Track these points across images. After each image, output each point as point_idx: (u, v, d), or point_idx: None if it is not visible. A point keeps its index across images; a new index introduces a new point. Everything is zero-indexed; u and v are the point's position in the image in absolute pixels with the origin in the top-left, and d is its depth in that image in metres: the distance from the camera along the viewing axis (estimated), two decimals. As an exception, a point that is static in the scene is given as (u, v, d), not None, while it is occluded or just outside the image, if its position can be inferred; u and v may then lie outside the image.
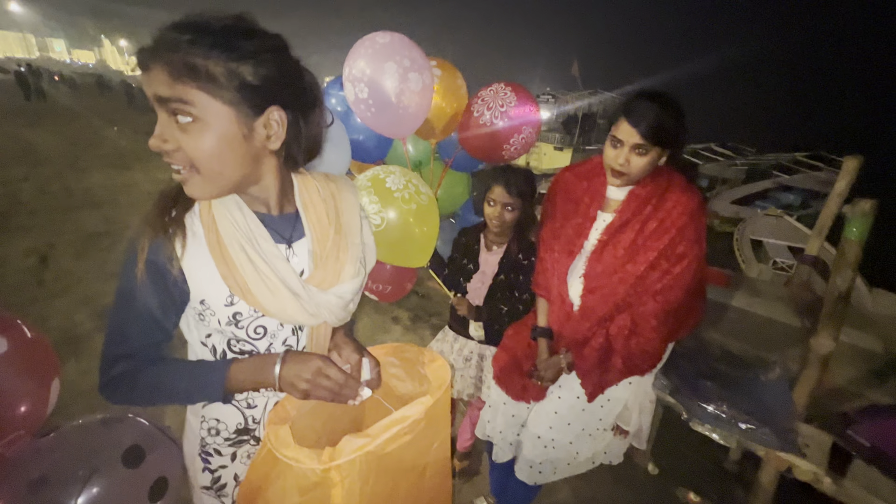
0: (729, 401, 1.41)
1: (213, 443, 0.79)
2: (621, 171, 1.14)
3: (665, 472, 2.04)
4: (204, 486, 0.81)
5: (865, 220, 1.13)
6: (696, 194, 1.17)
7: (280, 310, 0.71)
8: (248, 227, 0.70)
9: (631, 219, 1.19)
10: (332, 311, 0.77)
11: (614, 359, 1.23)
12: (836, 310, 1.23)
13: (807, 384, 1.33)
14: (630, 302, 1.21)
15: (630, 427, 1.38)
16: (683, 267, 1.15)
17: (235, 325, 0.71)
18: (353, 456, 0.62)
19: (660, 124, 1.07)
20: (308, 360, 0.68)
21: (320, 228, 0.78)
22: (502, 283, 1.54)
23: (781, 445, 1.27)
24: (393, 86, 1.56)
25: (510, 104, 1.76)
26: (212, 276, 0.68)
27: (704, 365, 1.59)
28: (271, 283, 0.69)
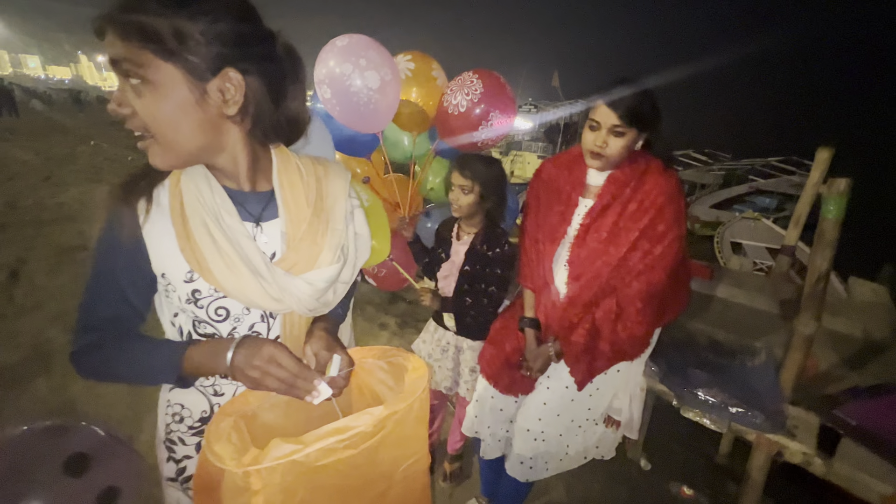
0: (718, 387, 1.41)
1: (177, 430, 0.75)
2: (599, 153, 1.16)
3: (657, 467, 2.03)
4: (169, 477, 0.76)
5: (841, 198, 1.15)
6: (673, 176, 1.19)
7: (239, 290, 0.67)
8: (213, 201, 0.67)
9: (612, 202, 1.21)
10: (300, 298, 0.71)
11: (602, 344, 1.22)
12: (817, 290, 1.25)
13: (792, 367, 1.35)
14: (614, 285, 1.22)
15: (621, 417, 1.36)
16: (665, 246, 1.16)
17: (195, 303, 0.68)
18: (275, 462, 0.54)
19: (636, 106, 1.11)
20: (261, 345, 0.63)
21: (296, 209, 0.74)
22: (467, 275, 1.53)
23: (772, 427, 1.27)
24: (351, 85, 1.63)
25: (476, 91, 1.79)
26: (172, 249, 0.65)
27: (692, 355, 1.60)
28: (230, 260, 0.65)
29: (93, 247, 0.67)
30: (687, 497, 1.87)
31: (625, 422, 1.36)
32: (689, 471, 2.03)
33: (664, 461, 2.06)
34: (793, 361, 1.34)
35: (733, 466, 2.05)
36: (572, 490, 1.88)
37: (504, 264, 1.48)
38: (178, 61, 0.56)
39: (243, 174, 0.71)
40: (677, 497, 1.89)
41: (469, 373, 1.61)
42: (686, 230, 1.19)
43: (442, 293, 1.62)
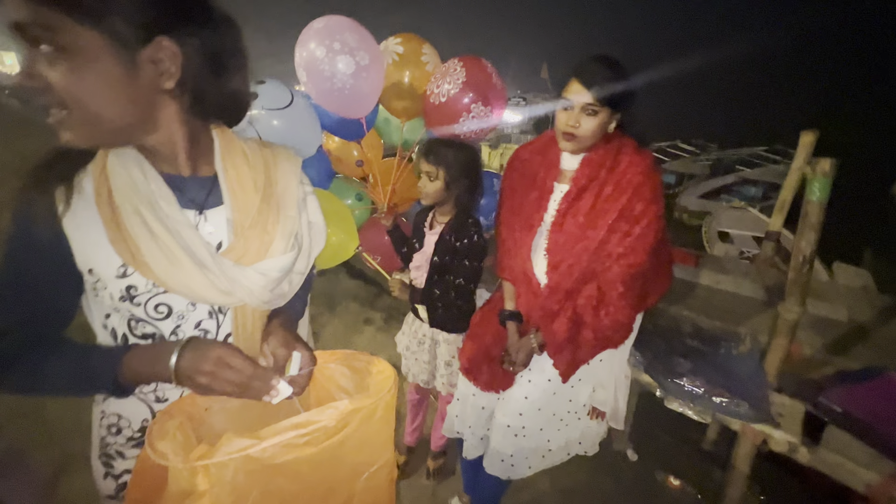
0: (703, 376, 1.38)
1: (115, 444, 0.68)
2: (572, 134, 1.12)
3: (644, 457, 2.01)
4: (108, 494, 0.69)
5: (826, 180, 1.12)
6: (647, 155, 1.16)
7: (182, 284, 0.61)
8: (147, 187, 0.60)
9: (587, 185, 1.17)
10: (252, 290, 0.66)
11: (585, 332, 1.18)
12: (802, 274, 1.21)
13: (777, 353, 1.32)
14: (595, 270, 1.17)
15: (606, 407, 1.33)
16: (643, 227, 1.12)
17: (131, 300, 0.61)
18: (227, 458, 0.48)
19: (609, 85, 1.07)
20: (209, 348, 0.57)
21: (242, 195, 0.68)
22: (437, 265, 1.48)
23: (756, 417, 1.24)
24: (325, 69, 1.57)
25: (458, 80, 1.72)
26: (99, 241, 0.58)
27: (677, 342, 1.56)
28: (170, 252, 0.59)
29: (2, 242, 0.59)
30: (673, 487, 1.86)
31: (610, 412, 1.32)
32: (675, 459, 2.01)
33: (650, 450, 2.04)
34: (777, 347, 1.31)
35: (720, 453, 2.03)
36: (557, 481, 1.85)
37: (473, 255, 1.42)
38: (100, 27, 0.49)
39: (182, 156, 0.64)
40: (664, 486, 1.87)
41: (444, 366, 1.57)
42: (664, 208, 1.15)
43: (415, 284, 1.56)
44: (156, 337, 0.64)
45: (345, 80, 1.59)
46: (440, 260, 1.47)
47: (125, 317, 0.62)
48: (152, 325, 0.63)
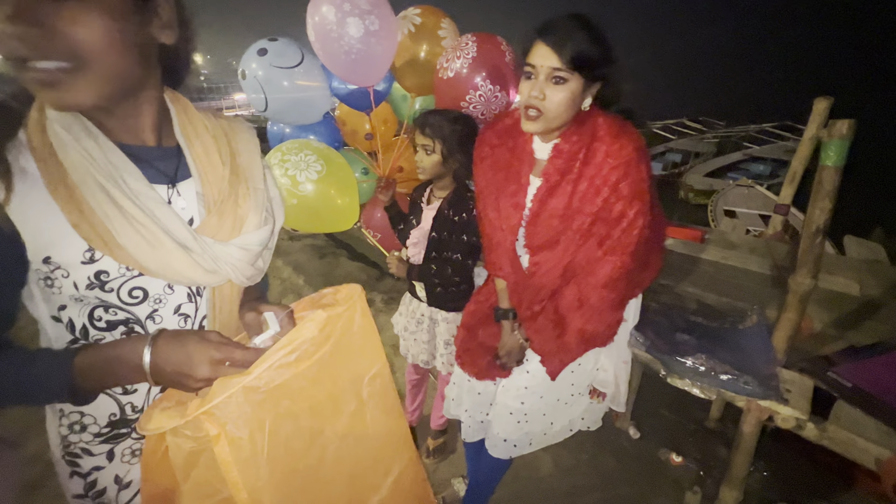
0: (707, 352, 1.34)
1: (79, 441, 0.63)
2: (536, 109, 0.94)
3: (647, 434, 1.99)
4: (76, 494, 0.65)
5: (843, 143, 1.04)
6: (628, 140, 0.98)
7: (164, 266, 0.56)
8: (106, 161, 0.54)
9: (560, 181, 1.03)
10: (237, 266, 0.63)
11: (569, 334, 1.12)
12: (815, 245, 1.15)
13: (786, 328, 1.27)
14: (575, 272, 1.09)
15: (607, 388, 1.29)
16: (623, 229, 1.00)
17: (101, 287, 0.55)
18: (226, 396, 0.47)
19: (581, 45, 0.89)
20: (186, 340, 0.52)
21: (210, 167, 0.65)
22: (434, 242, 1.44)
23: (763, 393, 1.20)
24: (333, 31, 1.46)
25: (467, 56, 1.63)
26: (56, 225, 0.52)
27: (680, 319, 1.52)
28: (148, 232, 0.54)
29: None
30: (676, 464, 1.84)
31: (610, 395, 1.29)
32: (678, 437, 1.99)
33: (653, 428, 2.02)
34: (786, 322, 1.26)
35: (724, 431, 2.01)
36: (560, 460, 1.84)
37: (472, 230, 1.37)
38: None
39: (150, 124, 0.59)
40: (667, 464, 1.85)
41: (444, 346, 1.54)
42: (650, 196, 1.02)
43: (412, 261, 1.52)
44: (128, 323, 0.59)
45: (352, 43, 1.49)
46: (438, 235, 1.43)
47: (88, 306, 0.57)
48: (125, 311, 0.59)
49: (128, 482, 0.67)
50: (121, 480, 0.66)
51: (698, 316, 1.53)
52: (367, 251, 4.36)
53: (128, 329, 0.60)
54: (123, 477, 0.66)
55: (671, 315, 1.52)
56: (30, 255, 0.53)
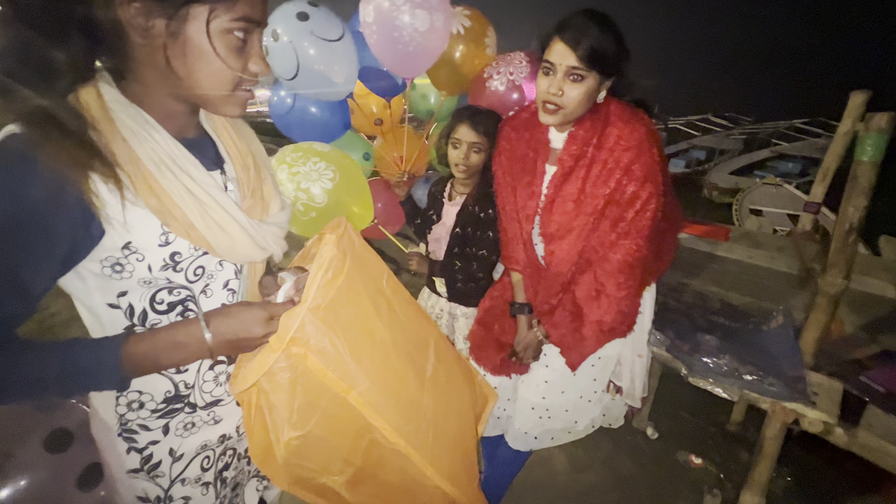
0: (730, 353, 1.30)
1: (137, 418, 0.66)
2: (555, 104, 0.98)
3: (665, 436, 1.96)
4: (132, 469, 0.68)
5: (881, 136, 1.00)
6: (640, 124, 1.01)
7: (230, 245, 0.61)
8: (171, 151, 0.57)
9: (574, 166, 1.05)
10: (277, 242, 0.69)
11: (588, 325, 1.11)
12: (847, 244, 1.11)
13: (815, 329, 1.22)
14: (590, 259, 1.08)
15: (623, 383, 1.28)
16: (637, 210, 1.01)
17: (173, 268, 0.59)
18: (298, 321, 0.58)
19: (599, 44, 0.92)
20: (237, 311, 0.58)
21: (239, 155, 0.70)
22: (458, 237, 1.43)
23: (789, 395, 1.17)
24: (397, 17, 1.44)
25: (521, 74, 1.62)
26: (135, 212, 0.54)
27: (702, 319, 1.48)
28: (218, 215, 0.59)
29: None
30: (695, 466, 1.80)
31: (626, 389, 1.27)
32: (698, 439, 1.95)
33: (672, 429, 1.99)
34: (815, 323, 1.22)
35: (746, 435, 1.96)
36: (575, 459, 1.82)
37: (496, 227, 1.37)
38: None
39: (195, 115, 0.64)
40: (685, 466, 1.82)
41: (463, 341, 1.54)
42: (662, 181, 1.02)
43: (433, 256, 1.53)
44: (184, 303, 0.63)
45: (414, 35, 1.48)
46: (462, 231, 1.43)
47: (153, 289, 0.59)
48: (187, 290, 0.63)
49: (180, 455, 0.70)
50: (174, 453, 0.69)
51: (721, 316, 1.49)
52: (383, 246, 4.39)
53: (183, 309, 0.63)
54: (177, 450, 0.69)
55: (693, 315, 1.49)
56: (108, 242, 0.54)
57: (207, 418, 0.72)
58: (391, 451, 0.71)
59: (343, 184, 1.48)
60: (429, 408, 0.77)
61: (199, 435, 0.72)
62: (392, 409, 0.69)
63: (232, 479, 0.79)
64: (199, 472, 0.72)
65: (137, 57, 0.54)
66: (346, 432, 0.69)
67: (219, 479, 0.76)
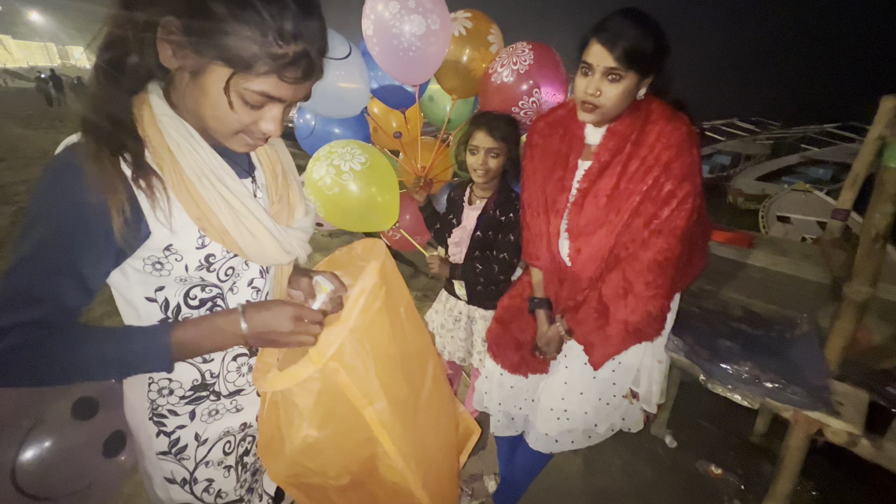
0: (752, 360, 1.29)
1: (167, 404, 0.72)
2: (593, 104, 0.99)
3: (684, 444, 1.93)
4: (161, 451, 0.74)
5: (909, 142, 0.98)
6: (682, 123, 1.01)
7: (259, 250, 0.66)
8: (211, 163, 0.61)
9: (610, 161, 1.05)
10: (302, 246, 0.74)
11: (613, 324, 1.11)
12: (874, 251, 1.09)
13: (840, 338, 1.20)
14: (620, 256, 1.08)
15: (640, 388, 1.27)
16: (672, 209, 1.00)
17: (207, 268, 0.65)
18: (339, 341, 0.63)
19: (636, 44, 0.92)
20: (272, 307, 0.62)
21: (268, 161, 0.75)
22: (479, 241, 1.46)
23: (812, 404, 1.15)
24: (394, 25, 1.50)
25: (524, 62, 1.65)
26: (178, 217, 0.60)
27: (723, 326, 1.46)
28: (250, 222, 0.64)
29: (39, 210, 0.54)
30: (715, 476, 1.77)
31: (643, 394, 1.27)
32: (718, 449, 1.91)
33: (691, 439, 1.96)
34: (840, 331, 1.19)
35: (769, 447, 1.92)
36: (591, 465, 1.81)
37: (517, 230, 1.40)
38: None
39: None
40: (704, 476, 1.79)
41: (482, 343, 1.56)
42: (701, 185, 1.03)
43: (452, 260, 1.56)
44: (214, 299, 0.68)
45: (412, 41, 1.53)
46: (483, 235, 1.46)
47: (187, 285, 0.65)
48: (217, 287, 0.68)
49: (205, 439, 0.76)
50: (199, 437, 0.75)
51: (743, 323, 1.47)
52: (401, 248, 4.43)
53: (213, 305, 0.69)
54: (202, 434, 0.75)
55: (713, 321, 1.47)
56: (152, 243, 0.59)
57: (230, 406, 0.77)
58: (387, 466, 0.75)
59: (372, 170, 1.53)
60: (423, 429, 0.82)
61: (223, 421, 0.77)
62: (398, 429, 0.73)
63: (251, 464, 0.84)
64: (222, 456, 0.78)
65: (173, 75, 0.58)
66: (353, 442, 0.73)
67: (239, 464, 0.81)
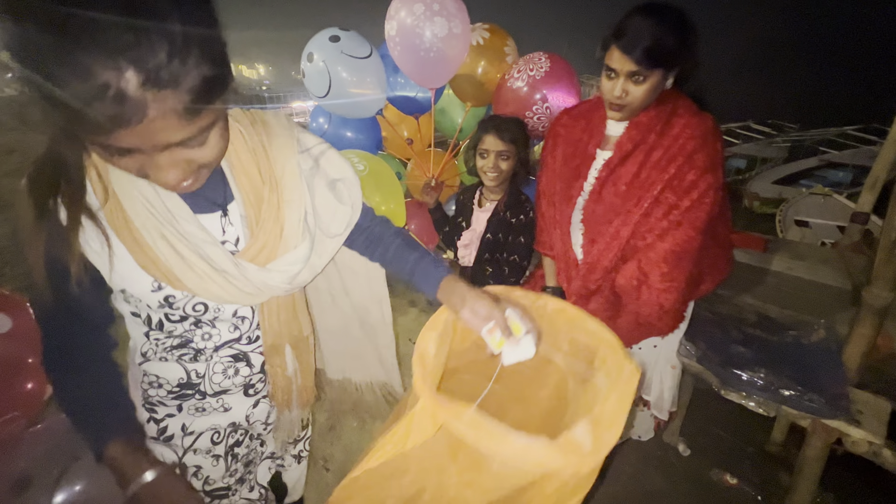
0: (767, 366, 1.25)
1: (156, 395, 0.74)
2: (620, 104, 1.00)
3: (698, 453, 1.88)
4: (151, 436, 0.76)
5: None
6: (707, 117, 1.02)
7: (213, 295, 0.62)
8: (163, 205, 0.57)
9: (633, 150, 1.05)
10: (275, 286, 0.67)
11: (625, 315, 1.10)
12: (893, 255, 1.05)
13: (859, 344, 1.16)
14: (636, 247, 1.07)
15: (650, 395, 1.25)
16: (694, 200, 0.99)
17: (169, 307, 0.63)
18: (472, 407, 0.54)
19: (656, 45, 0.91)
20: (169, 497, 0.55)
21: (251, 187, 0.64)
22: (489, 243, 1.46)
23: (830, 412, 1.11)
24: (418, 25, 1.53)
25: (541, 70, 1.67)
26: (126, 263, 0.58)
27: (737, 331, 1.43)
28: (201, 270, 0.59)
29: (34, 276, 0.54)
30: (730, 486, 1.72)
31: (654, 401, 1.25)
32: (733, 458, 1.86)
33: (705, 447, 1.91)
34: (859, 338, 1.16)
35: (787, 457, 1.86)
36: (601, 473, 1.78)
37: (528, 232, 1.39)
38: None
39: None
40: (719, 485, 1.74)
41: None
42: (724, 180, 1.02)
43: (462, 263, 1.55)
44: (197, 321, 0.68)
45: (434, 41, 1.56)
46: (493, 237, 1.45)
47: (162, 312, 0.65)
48: (192, 318, 0.67)
49: (191, 431, 0.77)
50: (186, 428, 0.76)
51: (757, 329, 1.43)
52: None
53: (196, 320, 0.68)
54: (188, 426, 0.77)
55: (726, 326, 1.44)
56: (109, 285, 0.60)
57: (217, 405, 0.77)
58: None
59: (371, 178, 1.55)
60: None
61: (210, 418, 0.77)
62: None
63: (244, 455, 0.84)
64: (210, 445, 0.78)
65: None
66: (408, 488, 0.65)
67: (230, 454, 0.81)
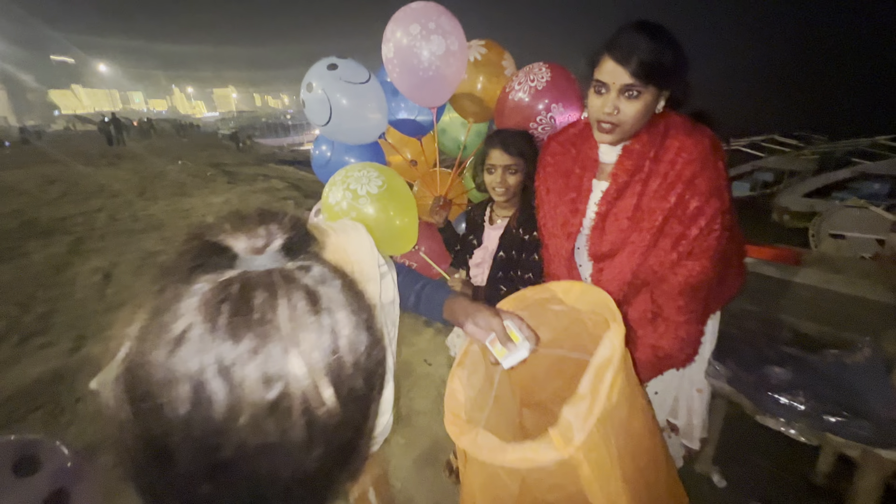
0: (807, 389, 1.16)
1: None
2: (611, 123, 0.93)
3: (735, 484, 1.74)
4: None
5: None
6: (704, 135, 0.95)
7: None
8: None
9: (629, 181, 0.98)
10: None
11: (642, 349, 1.03)
12: (944, 265, 0.96)
13: (911, 364, 1.06)
14: (646, 279, 1.01)
15: (678, 421, 1.16)
16: (702, 227, 0.93)
17: None
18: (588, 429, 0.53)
19: (653, 58, 0.87)
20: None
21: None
22: (502, 261, 1.41)
23: (883, 441, 1.00)
24: (415, 45, 1.54)
25: (542, 80, 1.66)
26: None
27: (770, 349, 1.33)
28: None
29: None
30: (772, 521, 1.58)
31: (683, 427, 1.16)
32: (776, 492, 1.71)
33: (743, 477, 1.76)
34: (911, 357, 1.05)
35: (836, 488, 1.69)
36: (628, 504, 1.66)
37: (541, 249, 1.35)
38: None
39: None
40: (759, 521, 1.59)
41: None
42: (730, 201, 0.95)
43: (474, 282, 1.52)
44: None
45: (431, 60, 1.57)
46: (506, 255, 1.42)
47: None
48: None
49: None
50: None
51: (793, 347, 1.33)
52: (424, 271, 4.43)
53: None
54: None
55: (758, 344, 1.34)
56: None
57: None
58: None
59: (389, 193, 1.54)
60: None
61: None
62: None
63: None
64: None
65: None
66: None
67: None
